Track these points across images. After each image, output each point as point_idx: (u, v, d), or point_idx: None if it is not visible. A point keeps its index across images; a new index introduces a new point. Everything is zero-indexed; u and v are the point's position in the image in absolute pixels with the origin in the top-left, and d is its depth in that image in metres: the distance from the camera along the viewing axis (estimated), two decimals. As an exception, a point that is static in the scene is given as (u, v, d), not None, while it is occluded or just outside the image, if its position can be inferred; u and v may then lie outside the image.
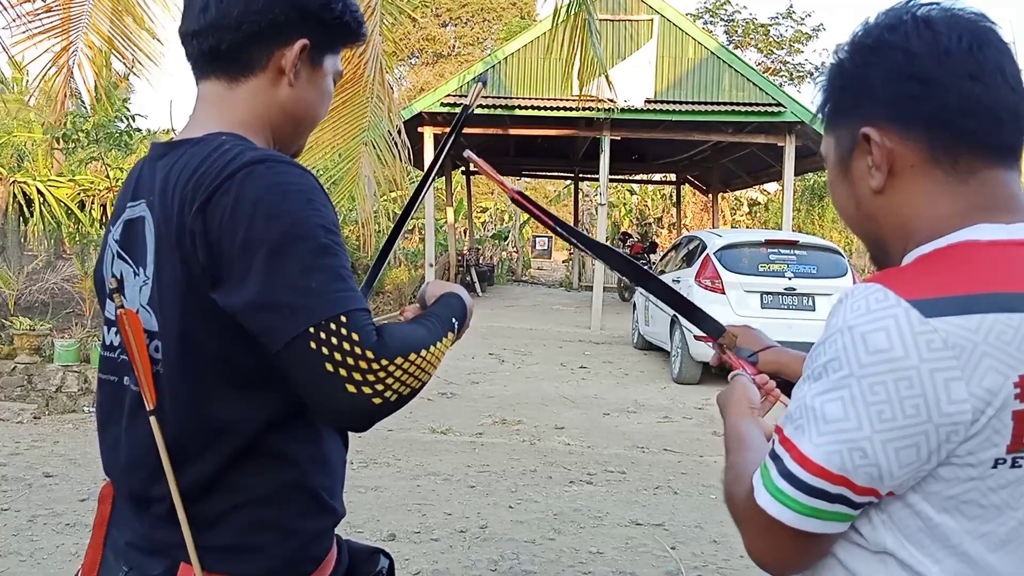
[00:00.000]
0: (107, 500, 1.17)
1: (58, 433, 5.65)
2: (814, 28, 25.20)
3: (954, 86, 0.86)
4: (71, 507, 4.15)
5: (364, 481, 4.65)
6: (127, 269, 1.10)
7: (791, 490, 0.82)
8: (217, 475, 1.05)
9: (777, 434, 0.86)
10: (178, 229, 1.00)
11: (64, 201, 8.89)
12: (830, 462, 0.80)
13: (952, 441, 0.79)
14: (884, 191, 0.92)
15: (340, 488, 1.17)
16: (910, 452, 0.79)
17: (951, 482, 0.81)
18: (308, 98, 1.16)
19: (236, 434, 1.04)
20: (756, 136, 12.90)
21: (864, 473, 0.80)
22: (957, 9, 0.90)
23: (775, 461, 0.84)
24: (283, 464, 1.07)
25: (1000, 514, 0.83)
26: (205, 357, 1.03)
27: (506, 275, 22.10)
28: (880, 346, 0.79)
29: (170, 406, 1.05)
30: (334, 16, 1.14)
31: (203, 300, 1.00)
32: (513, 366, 8.96)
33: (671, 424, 6.60)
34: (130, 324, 1.06)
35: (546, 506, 4.41)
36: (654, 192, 26.74)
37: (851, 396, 0.80)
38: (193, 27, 1.11)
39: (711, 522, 4.28)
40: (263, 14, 1.08)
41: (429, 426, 6.10)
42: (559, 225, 1.47)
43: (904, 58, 0.88)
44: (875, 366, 0.79)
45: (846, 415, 0.80)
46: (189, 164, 1.03)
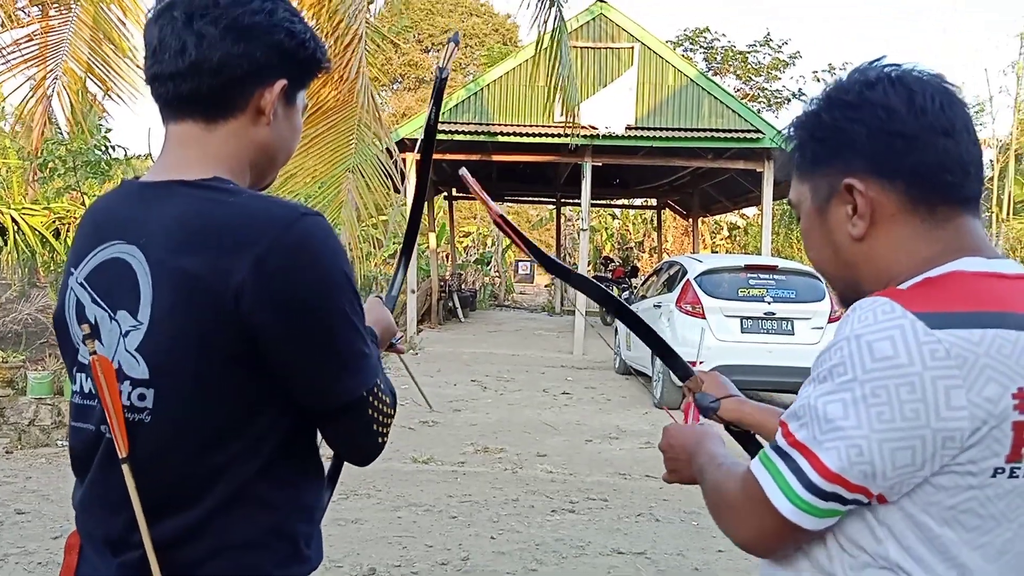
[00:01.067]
0: (74, 550, 1.14)
1: (31, 468, 5.54)
2: (791, 56, 25.62)
3: (931, 142, 0.93)
4: (44, 545, 4.06)
5: (344, 513, 4.59)
6: (102, 314, 1.07)
7: (805, 494, 0.87)
8: (202, 522, 1.03)
9: (782, 427, 0.90)
10: (214, 280, 0.99)
11: (39, 229, 8.79)
12: (829, 460, 0.84)
13: (948, 448, 0.82)
14: (864, 238, 0.96)
15: (318, 535, 1.16)
16: (905, 455, 0.82)
17: (952, 491, 0.84)
18: (285, 135, 1.17)
19: (228, 482, 1.04)
20: (735, 162, 13.04)
21: (858, 471, 0.83)
22: (920, 71, 0.97)
23: (787, 461, 0.88)
24: (265, 510, 1.06)
25: (998, 525, 0.86)
26: (210, 407, 1.03)
27: (489, 300, 22.08)
28: (885, 353, 0.83)
29: (157, 455, 1.03)
30: (308, 53, 1.15)
31: (222, 350, 1.00)
32: (496, 393, 8.92)
33: (653, 450, 6.57)
34: (103, 371, 1.04)
35: (528, 536, 4.37)
36: (635, 216, 26.91)
37: (852, 398, 0.84)
38: (169, 70, 1.08)
39: (693, 549, 4.26)
40: (245, 57, 1.08)
41: (411, 456, 6.05)
42: (536, 254, 1.54)
43: (885, 114, 0.93)
44: (879, 371, 0.83)
45: (846, 414, 0.84)
46: (210, 212, 1.02)
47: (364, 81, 5.74)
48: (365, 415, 1.07)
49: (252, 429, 1.05)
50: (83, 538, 1.13)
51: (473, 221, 30.46)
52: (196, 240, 1.01)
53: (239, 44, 1.08)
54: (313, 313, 1.02)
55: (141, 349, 1.04)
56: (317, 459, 1.16)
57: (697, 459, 1.12)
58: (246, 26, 1.08)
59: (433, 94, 1.63)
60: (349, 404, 1.06)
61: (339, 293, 1.04)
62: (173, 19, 1.08)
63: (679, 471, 1.22)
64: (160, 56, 1.09)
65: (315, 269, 1.02)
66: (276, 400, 1.06)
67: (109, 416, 1.04)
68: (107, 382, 1.04)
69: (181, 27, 1.07)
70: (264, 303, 0.99)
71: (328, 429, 1.09)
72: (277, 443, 1.07)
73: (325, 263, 1.03)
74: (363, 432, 1.09)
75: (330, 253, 1.04)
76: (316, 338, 1.02)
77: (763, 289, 8.13)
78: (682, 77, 12.66)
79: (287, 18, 1.12)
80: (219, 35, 1.07)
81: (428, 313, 15.44)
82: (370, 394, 1.07)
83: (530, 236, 1.57)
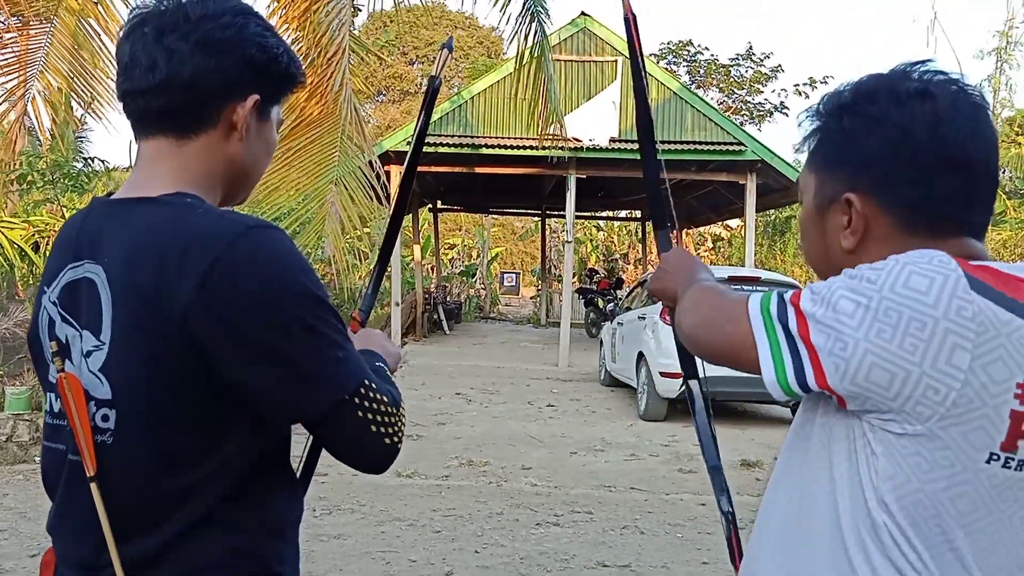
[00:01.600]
0: (49, 567, 1.12)
1: (7, 485, 5.45)
2: (773, 68, 25.87)
3: (943, 177, 0.91)
4: (20, 563, 3.99)
5: (327, 529, 4.55)
6: (72, 333, 1.06)
7: (776, 314, 0.91)
8: (168, 545, 1.02)
9: (795, 307, 0.91)
10: (163, 300, 0.97)
11: (17, 243, 8.71)
12: (817, 331, 0.87)
13: (928, 399, 0.83)
14: (854, 251, 0.96)
15: (292, 551, 1.14)
16: (882, 376, 0.84)
17: (954, 472, 0.85)
18: (257, 151, 1.16)
19: (193, 505, 1.02)
20: (718, 174, 13.13)
21: (832, 361, 0.85)
22: (961, 86, 0.93)
23: (792, 354, 0.89)
24: (233, 532, 1.05)
25: (988, 514, 0.86)
26: (171, 429, 1.01)
27: (474, 312, 22.05)
28: (918, 287, 0.84)
29: (122, 477, 1.02)
30: (281, 69, 1.14)
31: (175, 371, 0.99)
32: (480, 406, 8.89)
33: (638, 462, 6.57)
34: (71, 389, 1.03)
35: (512, 550, 4.35)
36: (620, 228, 27.00)
37: (867, 306, 0.85)
38: (140, 86, 1.07)
39: (678, 562, 4.25)
40: (216, 72, 1.07)
41: (394, 469, 5.97)
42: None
43: (903, 139, 0.92)
44: (901, 298, 0.84)
45: (853, 314, 0.85)
46: (162, 228, 1.01)
47: (348, 93, 5.72)
48: (355, 419, 1.02)
49: (218, 454, 1.03)
50: (58, 559, 1.11)
51: (458, 233, 30.46)
52: (148, 259, 1.00)
53: (210, 59, 1.07)
54: (262, 328, 0.98)
55: (104, 369, 1.03)
56: (290, 473, 1.15)
57: (692, 274, 1.20)
58: (217, 41, 1.07)
59: (424, 102, 1.63)
60: (327, 414, 1.02)
61: (293, 303, 1.00)
62: (144, 35, 1.07)
63: (664, 284, 1.27)
64: (131, 72, 1.08)
65: (262, 281, 0.98)
66: (242, 423, 1.04)
67: (76, 434, 1.03)
68: (75, 400, 1.03)
69: (151, 43, 1.06)
70: (211, 321, 0.97)
71: (323, 441, 1.08)
72: (246, 466, 1.05)
73: (273, 274, 0.99)
74: (360, 436, 1.04)
75: (280, 264, 1.00)
76: (271, 354, 0.99)
77: (746, 300, 8.16)
78: (665, 90, 12.74)
79: (259, 32, 1.11)
80: (190, 50, 1.06)
81: (413, 326, 15.39)
82: (355, 395, 1.02)
83: (516, 248, 1.59)
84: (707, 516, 5.12)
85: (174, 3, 1.08)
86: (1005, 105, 20.84)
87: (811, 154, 1.02)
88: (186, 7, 1.08)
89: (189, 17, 1.07)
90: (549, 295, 21.01)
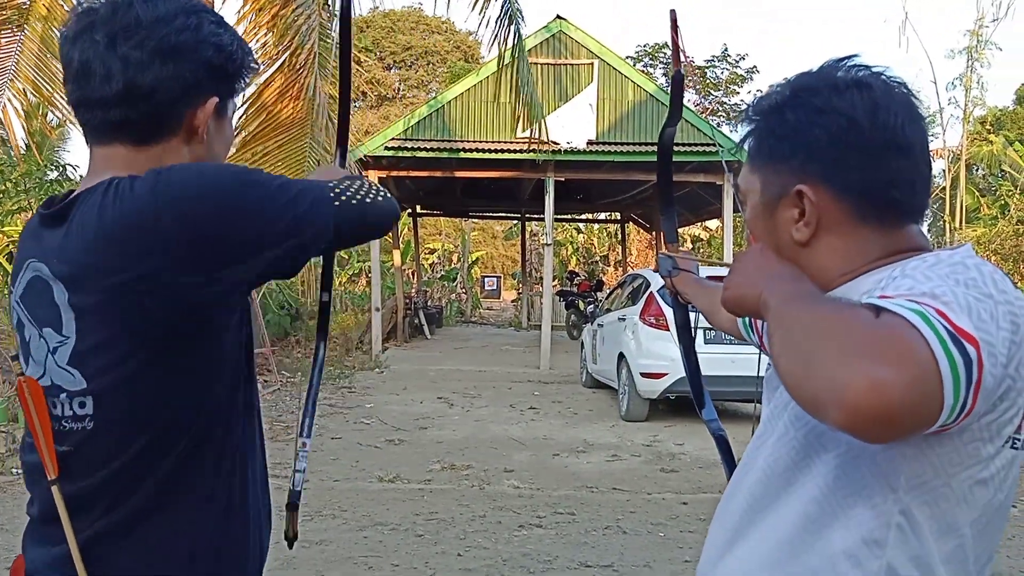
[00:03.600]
0: (19, 573, 1.12)
1: (-16, 496, 5.39)
2: (748, 70, 26.12)
3: (888, 161, 0.93)
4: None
5: (309, 535, 4.53)
6: (33, 332, 1.06)
7: (951, 342, 0.73)
8: (128, 523, 1.04)
9: (941, 315, 0.75)
10: (116, 275, 0.98)
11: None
12: (986, 356, 0.75)
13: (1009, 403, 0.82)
14: (807, 244, 0.97)
15: (241, 560, 1.14)
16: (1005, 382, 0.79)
17: (985, 461, 0.85)
18: (217, 149, 1.15)
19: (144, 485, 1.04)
20: (695, 175, 13.20)
21: (989, 354, 0.75)
22: (889, 77, 0.97)
23: (962, 355, 0.74)
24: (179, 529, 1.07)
25: (991, 496, 0.87)
26: (145, 407, 1.03)
27: (455, 316, 22.03)
28: (1011, 289, 0.82)
29: (106, 459, 1.03)
30: (236, 65, 1.13)
31: (151, 341, 1.00)
32: (462, 409, 8.89)
33: (620, 462, 6.60)
34: (30, 392, 1.03)
35: (495, 552, 4.35)
36: (599, 230, 27.10)
37: (991, 311, 0.77)
38: (95, 96, 1.04)
39: (660, 560, 4.28)
40: (175, 79, 1.05)
41: (376, 475, 5.99)
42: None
43: (848, 125, 0.93)
44: (1008, 299, 0.80)
45: (991, 319, 0.77)
46: (92, 211, 1.00)
47: (323, 100, 5.72)
48: (350, 207, 1.11)
49: (196, 424, 1.06)
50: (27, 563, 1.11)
51: (438, 238, 30.42)
52: (92, 242, 0.99)
53: (167, 66, 1.04)
54: (212, 215, 0.99)
55: (72, 362, 1.03)
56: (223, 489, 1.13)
57: (783, 281, 0.91)
58: (173, 46, 1.05)
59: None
60: (331, 224, 1.09)
61: (223, 178, 1.03)
62: (95, 42, 1.04)
63: (743, 291, 0.96)
64: (84, 81, 1.05)
65: (199, 188, 1.00)
66: (191, 401, 1.06)
67: (36, 437, 1.03)
68: (34, 403, 1.03)
69: (104, 51, 1.03)
70: (170, 252, 0.97)
71: (345, 241, 1.17)
72: (182, 466, 1.06)
73: (203, 181, 1.01)
74: (361, 213, 1.13)
75: (195, 169, 1.04)
76: (234, 225, 1.01)
77: (725, 300, 8.21)
78: (642, 92, 12.82)
79: (213, 31, 1.09)
80: (146, 58, 1.03)
81: (394, 331, 15.35)
82: (331, 192, 1.11)
83: (497, 252, 1.62)
84: (689, 515, 5.16)
85: (122, 4, 1.04)
86: (977, 103, 21.15)
87: (751, 155, 1.03)
88: (136, 9, 1.04)
89: (141, 21, 1.03)
90: (530, 298, 21.04)
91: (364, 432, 7.56)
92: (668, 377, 7.90)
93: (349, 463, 6.36)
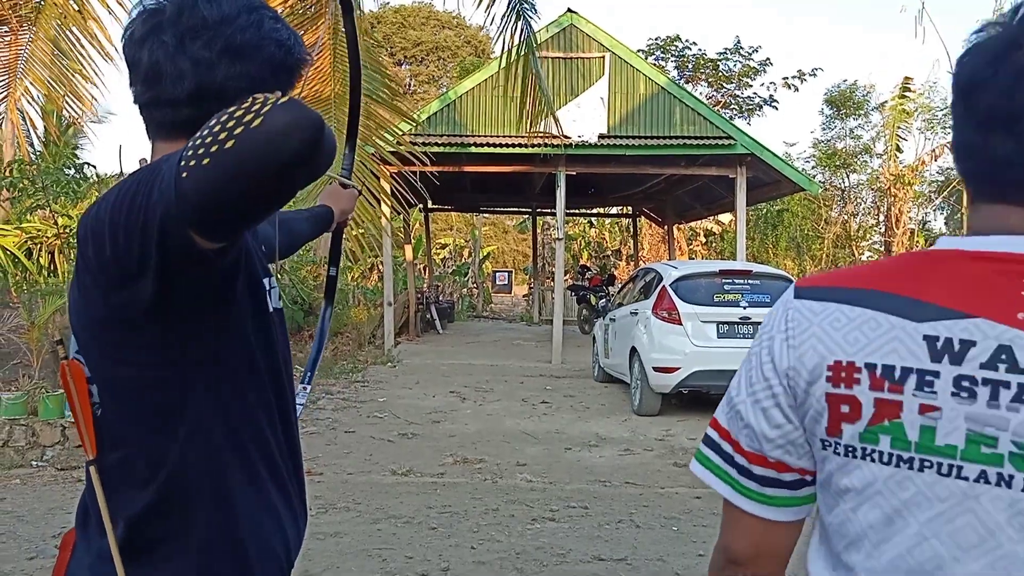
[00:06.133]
0: (68, 547, 1.15)
1: (5, 489, 5.45)
2: (761, 62, 25.92)
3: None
4: (19, 566, 4.00)
5: (323, 527, 4.57)
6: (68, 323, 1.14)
7: (714, 456, 0.92)
8: (156, 504, 1.06)
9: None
10: (83, 267, 1.02)
11: (10, 249, 8.70)
12: (724, 420, 0.91)
13: (799, 402, 0.86)
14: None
15: (259, 541, 1.13)
16: (774, 413, 0.87)
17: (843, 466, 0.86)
18: None
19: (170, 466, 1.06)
20: (708, 168, 13.17)
21: (744, 435, 0.89)
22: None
23: (715, 449, 0.94)
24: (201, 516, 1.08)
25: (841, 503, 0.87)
26: (131, 393, 1.06)
27: (467, 311, 22.07)
28: (764, 324, 0.91)
29: (114, 445, 1.07)
30: (295, 59, 1.15)
31: (111, 327, 1.02)
32: (475, 404, 8.92)
33: (632, 456, 6.61)
34: (71, 374, 1.08)
35: (508, 545, 4.38)
36: (611, 224, 27.04)
37: (741, 367, 0.91)
38: (167, 96, 1.07)
39: (674, 554, 4.29)
40: (242, 77, 1.07)
41: (390, 468, 6.03)
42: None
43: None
44: (757, 341, 0.90)
45: (737, 384, 0.91)
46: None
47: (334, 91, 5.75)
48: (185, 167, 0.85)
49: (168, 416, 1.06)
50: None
51: (449, 233, 30.46)
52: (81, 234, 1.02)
53: (235, 65, 1.07)
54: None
55: (79, 351, 1.09)
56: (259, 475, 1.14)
57: None
58: (240, 45, 1.07)
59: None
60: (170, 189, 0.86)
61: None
62: (163, 43, 1.06)
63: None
64: (153, 82, 1.07)
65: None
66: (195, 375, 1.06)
67: (76, 419, 1.07)
68: (76, 385, 1.07)
69: (174, 52, 1.06)
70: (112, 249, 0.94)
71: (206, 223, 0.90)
72: (182, 454, 1.06)
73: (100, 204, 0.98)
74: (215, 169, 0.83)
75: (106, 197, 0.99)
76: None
77: (738, 294, 8.21)
78: (653, 85, 12.78)
79: (272, 27, 1.12)
80: (215, 58, 1.06)
81: (406, 325, 15.40)
82: (179, 161, 0.85)
83: (508, 246, 1.61)
84: (703, 509, 5.17)
85: (187, 4, 1.07)
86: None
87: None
88: (202, 9, 1.06)
89: (208, 21, 1.06)
90: (541, 293, 21.05)
91: (377, 426, 7.61)
92: (681, 371, 7.90)
93: (363, 456, 6.40)
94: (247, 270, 1.09)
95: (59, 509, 4.80)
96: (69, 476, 5.66)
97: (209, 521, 1.07)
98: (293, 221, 1.67)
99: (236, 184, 0.83)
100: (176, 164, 0.85)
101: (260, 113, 0.83)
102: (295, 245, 1.70)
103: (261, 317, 1.14)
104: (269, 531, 1.14)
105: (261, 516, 1.13)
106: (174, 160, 0.87)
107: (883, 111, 24.04)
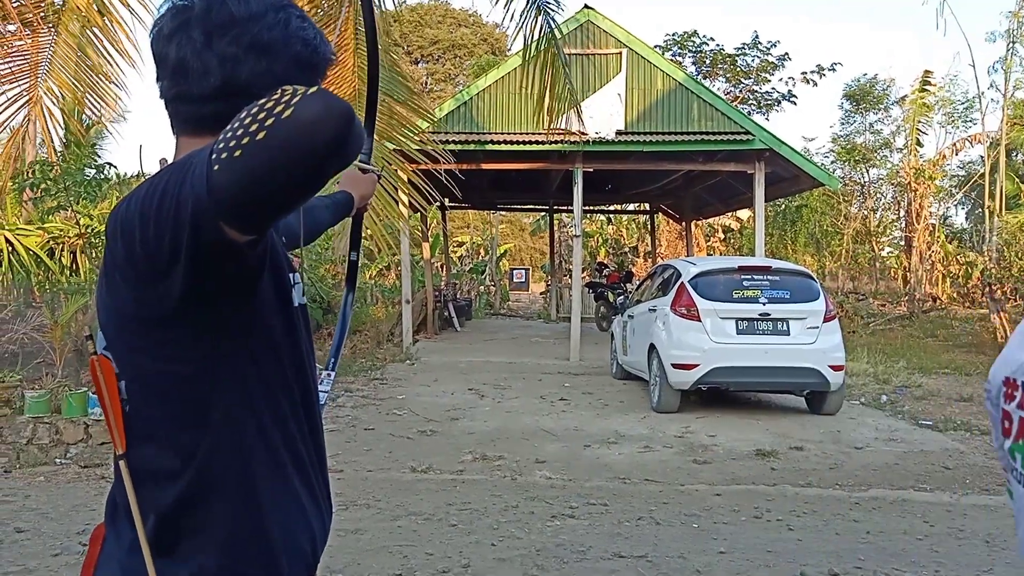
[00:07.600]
0: (97, 541, 1.16)
1: (29, 487, 5.52)
2: (780, 57, 25.72)
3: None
4: (44, 563, 4.04)
5: (344, 524, 4.59)
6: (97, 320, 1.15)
7: None
8: (183, 501, 1.06)
9: None
10: (111, 266, 1.02)
11: (33, 249, 8.80)
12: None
13: None
14: None
15: (289, 537, 1.13)
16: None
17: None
18: None
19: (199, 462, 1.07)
20: (726, 164, 13.08)
21: None
22: None
23: None
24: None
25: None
26: (157, 391, 1.06)
27: (484, 309, 22.08)
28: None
29: (142, 443, 1.08)
30: (320, 57, 1.16)
31: (140, 323, 1.03)
32: (493, 401, 8.92)
33: (652, 453, 6.59)
34: (101, 370, 1.09)
35: (528, 542, 4.37)
36: (629, 221, 26.95)
37: None
38: (193, 91, 1.08)
39: (694, 551, 4.26)
40: (268, 74, 1.08)
41: (409, 465, 6.04)
42: None
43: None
44: None
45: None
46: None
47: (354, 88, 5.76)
48: (219, 150, 0.85)
49: (189, 416, 1.06)
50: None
51: (466, 231, 30.49)
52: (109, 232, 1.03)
53: (261, 62, 1.08)
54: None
55: (106, 348, 1.10)
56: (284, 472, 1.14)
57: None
58: (266, 43, 1.08)
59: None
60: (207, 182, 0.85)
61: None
62: (191, 39, 1.07)
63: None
64: (180, 78, 1.08)
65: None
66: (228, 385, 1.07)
67: (105, 414, 1.08)
68: (105, 381, 1.08)
69: (201, 48, 1.06)
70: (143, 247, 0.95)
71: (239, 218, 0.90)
72: (212, 446, 1.07)
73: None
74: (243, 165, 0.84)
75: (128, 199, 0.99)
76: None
77: (757, 290, 8.15)
78: (671, 81, 12.71)
79: (299, 26, 1.12)
80: (242, 55, 1.07)
81: (424, 323, 15.44)
82: (210, 154, 0.85)
83: (525, 244, 1.60)
84: (723, 506, 5.14)
85: (216, 1, 1.08)
86: (1018, 87, 20.64)
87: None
88: (230, 6, 1.07)
89: (235, 18, 1.07)
90: (559, 290, 21.02)
91: (396, 423, 7.62)
92: (700, 368, 7.86)
93: (382, 454, 6.42)
94: (272, 264, 1.09)
95: (83, 506, 4.86)
96: (93, 473, 5.72)
97: (236, 513, 1.08)
98: (315, 208, 1.66)
99: (268, 175, 0.83)
100: (208, 157, 0.85)
101: (291, 104, 0.83)
102: (316, 232, 1.71)
103: (286, 311, 1.14)
104: (295, 524, 1.14)
105: (287, 509, 1.13)
106: (205, 153, 0.87)
107: (903, 105, 23.75)
